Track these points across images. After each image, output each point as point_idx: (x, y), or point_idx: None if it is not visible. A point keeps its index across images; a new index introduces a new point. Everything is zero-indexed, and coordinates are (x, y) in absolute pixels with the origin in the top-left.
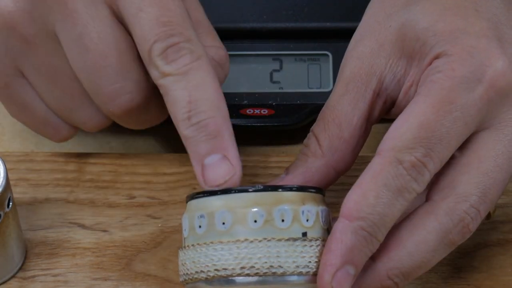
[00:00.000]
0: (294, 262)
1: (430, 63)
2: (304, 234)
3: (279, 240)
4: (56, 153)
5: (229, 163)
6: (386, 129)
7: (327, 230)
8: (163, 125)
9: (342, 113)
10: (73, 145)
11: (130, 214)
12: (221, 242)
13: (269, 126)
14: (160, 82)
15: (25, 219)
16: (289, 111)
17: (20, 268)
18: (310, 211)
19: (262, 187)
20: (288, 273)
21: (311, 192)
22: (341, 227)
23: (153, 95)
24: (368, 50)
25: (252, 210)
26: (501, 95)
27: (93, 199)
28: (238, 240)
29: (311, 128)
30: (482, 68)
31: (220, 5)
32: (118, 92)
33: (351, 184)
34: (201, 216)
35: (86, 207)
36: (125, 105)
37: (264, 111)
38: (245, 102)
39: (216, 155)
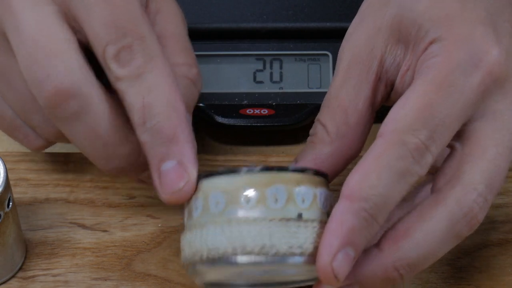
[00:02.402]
0: (287, 242)
1: (426, 48)
2: (300, 216)
3: (271, 220)
4: (56, 153)
5: (184, 169)
6: None
7: (327, 213)
8: None
9: (346, 99)
10: (73, 145)
11: (130, 214)
12: (215, 223)
13: (269, 126)
14: (116, 86)
15: (25, 219)
16: (289, 111)
17: (20, 268)
18: (307, 193)
19: (257, 168)
20: (280, 253)
21: (308, 173)
22: (342, 208)
23: (94, 93)
24: (366, 35)
25: (245, 190)
26: (496, 83)
27: (93, 199)
28: (230, 221)
29: (316, 118)
30: (479, 54)
31: (220, 5)
32: (47, 75)
33: None
34: (197, 199)
35: (86, 207)
36: (53, 87)
37: (264, 111)
38: (245, 102)
39: (171, 161)
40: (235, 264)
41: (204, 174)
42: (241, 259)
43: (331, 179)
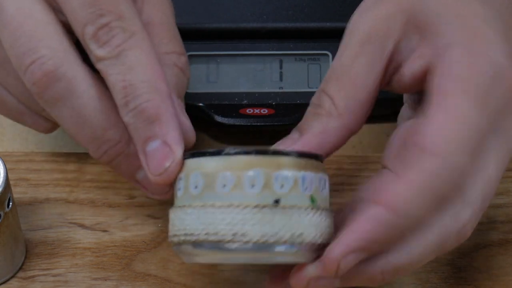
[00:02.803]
0: (260, 230)
1: (446, 50)
2: (277, 201)
3: (246, 207)
4: (56, 153)
5: (169, 148)
6: (390, 130)
7: (311, 197)
8: None
9: (358, 75)
10: (73, 145)
11: (130, 214)
12: (193, 207)
13: (269, 126)
14: (98, 67)
15: (25, 219)
16: (289, 111)
17: (20, 268)
18: (287, 177)
19: (237, 149)
20: (252, 242)
21: (291, 156)
22: (377, 214)
23: (78, 74)
24: (385, 13)
25: (223, 174)
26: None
27: (93, 199)
28: (205, 206)
29: (321, 87)
30: (501, 70)
31: (220, 5)
32: (31, 57)
33: (351, 184)
34: (180, 180)
35: (86, 207)
36: (37, 70)
37: (264, 111)
38: (245, 102)
39: (155, 141)
40: (211, 250)
41: (189, 153)
42: (215, 245)
43: (330, 154)
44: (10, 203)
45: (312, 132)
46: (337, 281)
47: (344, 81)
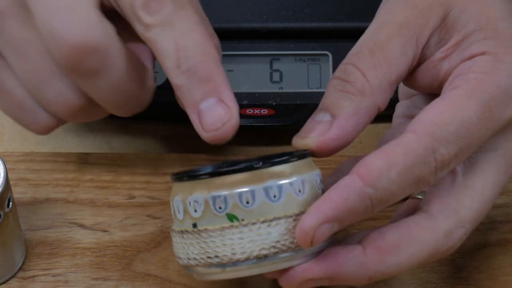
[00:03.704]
0: (186, 254)
1: (473, 55)
2: (194, 226)
3: (179, 232)
4: (56, 153)
5: (225, 105)
6: (387, 130)
7: (228, 215)
8: (164, 126)
9: (393, 55)
10: (73, 145)
11: (130, 214)
12: (172, 231)
13: (269, 126)
14: (146, 35)
15: (25, 219)
16: (289, 111)
17: (20, 268)
18: (197, 201)
19: (186, 173)
20: (186, 266)
21: (203, 178)
22: (353, 184)
23: (114, 47)
24: (426, 4)
25: (175, 199)
26: None
27: (93, 199)
28: (172, 231)
29: (350, 61)
30: None
31: (220, 5)
32: (68, 31)
33: None
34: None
35: (86, 207)
36: (74, 44)
37: (264, 111)
38: (245, 102)
39: (211, 99)
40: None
41: (175, 174)
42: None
43: (354, 137)
44: (10, 203)
45: (346, 115)
46: (325, 280)
47: (379, 58)
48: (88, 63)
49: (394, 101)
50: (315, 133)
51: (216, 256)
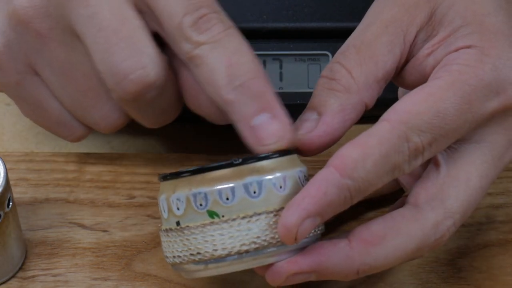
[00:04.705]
0: (171, 252)
1: (459, 48)
2: (178, 223)
3: (163, 230)
4: (56, 153)
5: (279, 121)
6: None
7: (208, 212)
8: (164, 126)
9: (379, 53)
10: (73, 145)
11: (130, 214)
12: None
13: None
14: (195, 52)
15: (25, 219)
16: (289, 111)
17: (20, 268)
18: (179, 198)
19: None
20: (172, 264)
21: (184, 176)
22: (330, 177)
23: (168, 78)
24: (413, 1)
25: (159, 198)
26: (505, 116)
27: (93, 199)
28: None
29: (336, 60)
30: (504, 83)
31: (220, 5)
32: (132, 67)
33: None
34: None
35: (86, 207)
36: (140, 81)
37: None
38: None
39: (264, 114)
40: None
41: (161, 175)
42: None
43: (341, 134)
44: (10, 203)
45: (331, 111)
46: (312, 275)
47: (365, 55)
48: (146, 96)
49: (393, 101)
50: (301, 131)
51: (199, 253)
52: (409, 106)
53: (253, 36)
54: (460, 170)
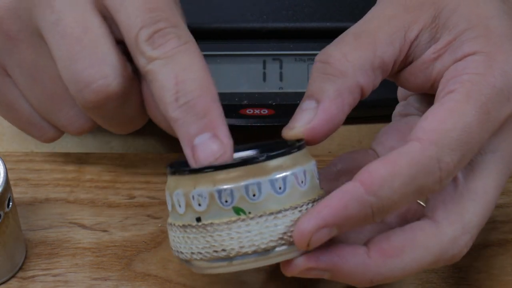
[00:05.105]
0: (189, 249)
1: (466, 55)
2: (198, 220)
3: (178, 226)
4: (56, 153)
5: (219, 141)
6: None
7: (234, 208)
8: None
9: (379, 42)
10: (73, 145)
11: (130, 214)
12: (169, 224)
13: (269, 126)
14: (148, 68)
15: (25, 219)
16: (289, 111)
17: (20, 268)
18: (201, 194)
19: (174, 168)
20: (184, 260)
21: (207, 171)
22: (353, 191)
23: (131, 86)
24: (418, 3)
25: (174, 192)
26: None
27: (93, 199)
28: (169, 224)
29: (331, 44)
30: None
31: (220, 5)
32: (94, 77)
33: None
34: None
35: (86, 207)
36: (101, 90)
37: (264, 111)
38: (245, 102)
39: (205, 134)
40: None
41: (172, 167)
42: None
43: (341, 119)
44: (10, 203)
45: (329, 98)
46: (327, 273)
47: (363, 42)
48: (108, 106)
49: (394, 101)
50: (302, 122)
51: (223, 250)
52: (435, 124)
53: (253, 36)
54: (478, 183)
